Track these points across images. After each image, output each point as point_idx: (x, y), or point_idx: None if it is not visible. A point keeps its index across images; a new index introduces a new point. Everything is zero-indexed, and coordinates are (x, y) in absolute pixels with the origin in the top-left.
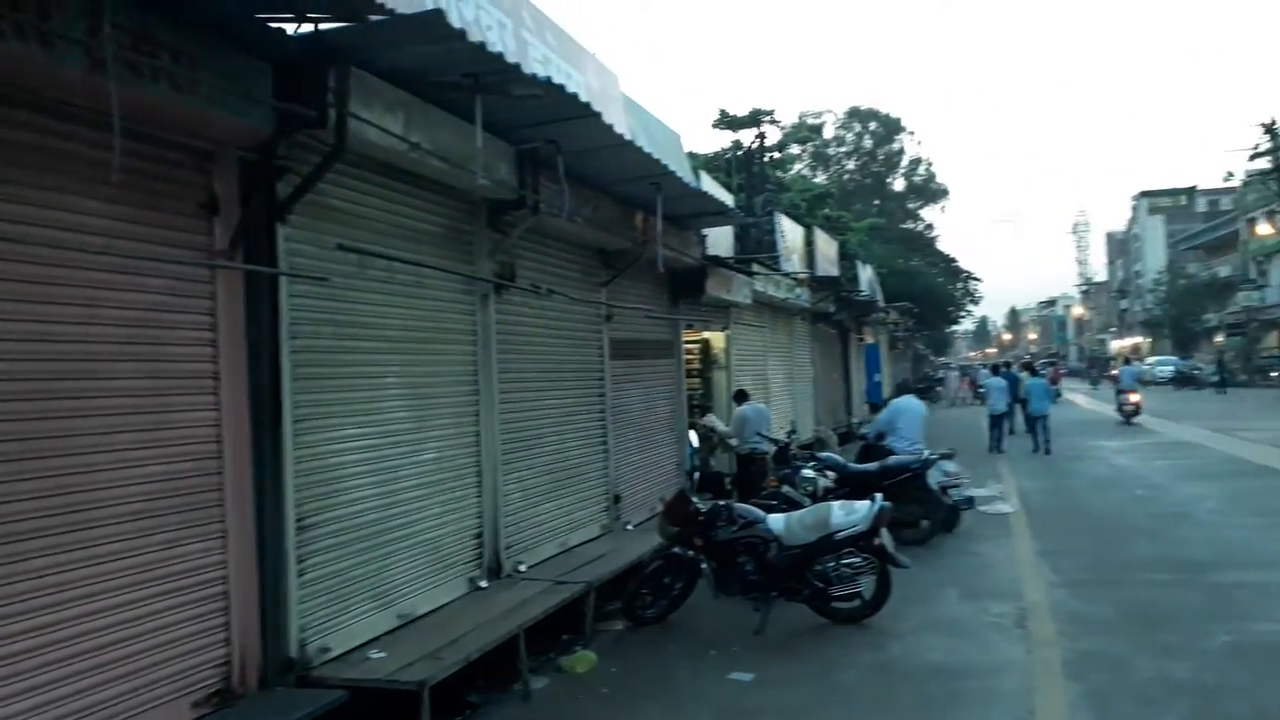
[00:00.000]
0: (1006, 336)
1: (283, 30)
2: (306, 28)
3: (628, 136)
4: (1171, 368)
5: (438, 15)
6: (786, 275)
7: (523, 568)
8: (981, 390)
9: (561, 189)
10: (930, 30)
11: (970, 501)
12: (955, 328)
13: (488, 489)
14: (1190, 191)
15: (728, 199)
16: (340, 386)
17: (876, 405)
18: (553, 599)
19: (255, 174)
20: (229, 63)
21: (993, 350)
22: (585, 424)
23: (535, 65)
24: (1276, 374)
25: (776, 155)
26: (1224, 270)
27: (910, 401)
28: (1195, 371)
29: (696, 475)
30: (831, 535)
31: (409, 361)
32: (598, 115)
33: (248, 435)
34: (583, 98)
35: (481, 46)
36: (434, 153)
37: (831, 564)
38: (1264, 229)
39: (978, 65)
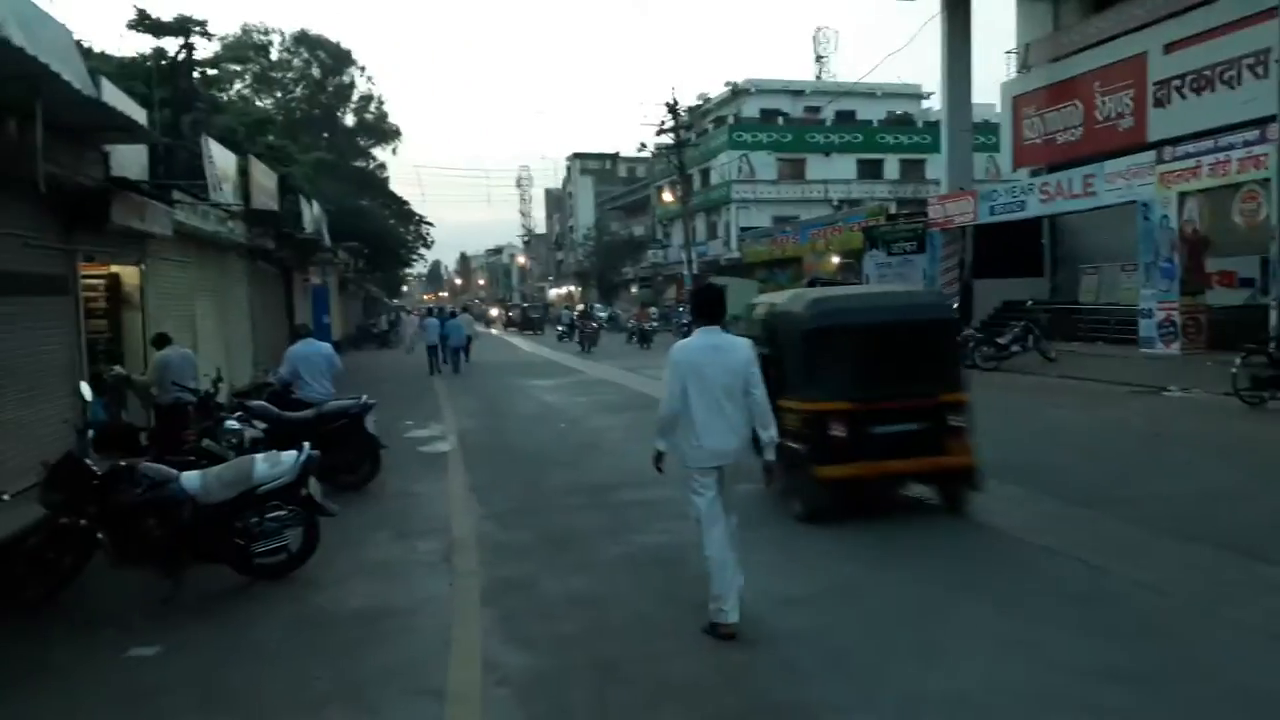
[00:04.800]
0: (458, 281)
1: None
2: None
3: None
4: (605, 314)
5: None
6: (216, 206)
7: None
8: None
9: None
10: None
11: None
12: (408, 270)
13: None
14: (614, 158)
15: (138, 114)
16: None
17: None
18: None
19: None
20: None
21: (445, 294)
22: None
23: None
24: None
25: (212, 72)
26: (639, 230)
27: (311, 347)
28: (617, 315)
29: (91, 433)
30: (254, 489)
31: None
32: None
33: None
34: None
35: None
36: None
37: (255, 520)
38: (667, 197)
39: (433, 14)
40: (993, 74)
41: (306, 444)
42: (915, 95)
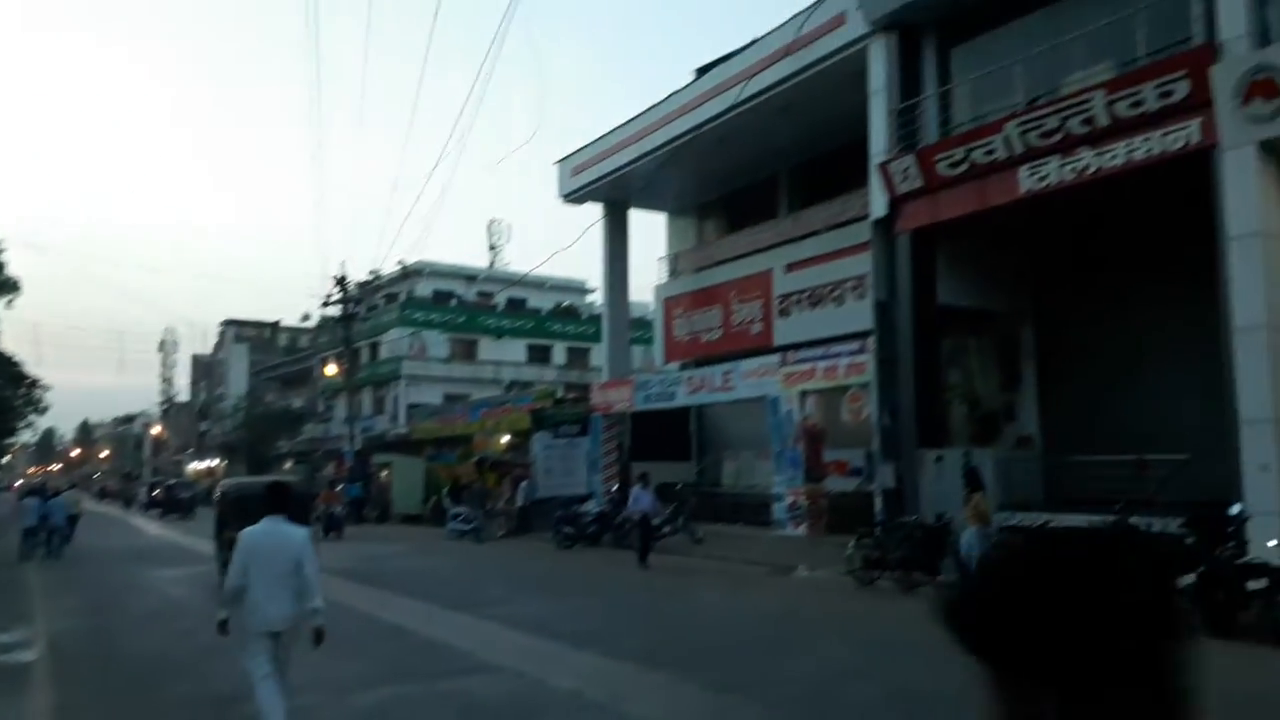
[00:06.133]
0: (76, 452)
1: None
2: None
3: None
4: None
5: None
6: None
7: None
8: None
9: None
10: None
11: None
12: (14, 440)
13: None
14: (274, 326)
15: None
16: None
17: None
18: None
19: None
20: None
21: (58, 467)
22: None
23: None
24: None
25: None
26: (298, 402)
27: None
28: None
29: None
30: None
31: None
32: None
33: None
34: None
35: None
36: None
37: None
38: (332, 369)
39: (73, 161)
40: (652, 275)
41: None
42: (581, 289)
